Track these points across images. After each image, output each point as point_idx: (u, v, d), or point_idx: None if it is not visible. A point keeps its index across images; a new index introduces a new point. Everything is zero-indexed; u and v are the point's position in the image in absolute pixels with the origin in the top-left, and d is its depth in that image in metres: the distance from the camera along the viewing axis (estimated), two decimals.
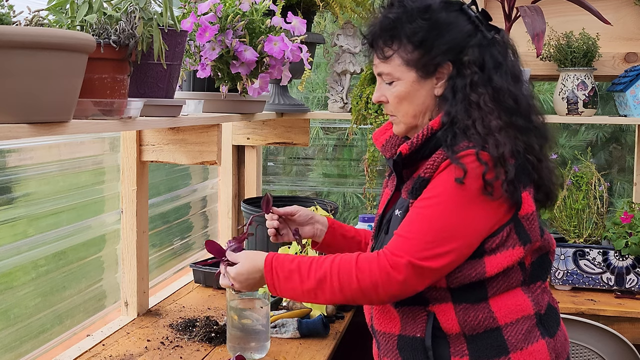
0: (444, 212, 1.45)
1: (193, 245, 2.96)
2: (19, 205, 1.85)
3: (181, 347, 1.98)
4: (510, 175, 1.44)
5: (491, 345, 1.49)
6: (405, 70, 1.54)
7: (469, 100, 1.50)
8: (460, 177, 1.43)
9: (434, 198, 1.46)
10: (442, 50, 1.52)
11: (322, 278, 1.48)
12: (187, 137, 2.11)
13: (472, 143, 1.45)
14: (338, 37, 2.82)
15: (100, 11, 1.45)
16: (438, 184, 1.47)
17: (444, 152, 1.48)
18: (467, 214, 1.45)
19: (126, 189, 2.21)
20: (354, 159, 3.89)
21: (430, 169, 1.49)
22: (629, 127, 3.54)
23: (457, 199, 1.45)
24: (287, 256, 1.55)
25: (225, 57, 1.98)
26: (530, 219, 1.52)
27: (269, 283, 1.53)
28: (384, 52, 1.55)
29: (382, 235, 1.63)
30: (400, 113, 1.57)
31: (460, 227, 1.45)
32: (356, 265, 1.46)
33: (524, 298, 1.53)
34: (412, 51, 1.52)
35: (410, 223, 1.47)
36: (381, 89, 1.59)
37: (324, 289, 1.48)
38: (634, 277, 2.51)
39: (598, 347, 2.16)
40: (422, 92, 1.55)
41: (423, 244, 1.44)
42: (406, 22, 1.52)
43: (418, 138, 1.52)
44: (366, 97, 2.62)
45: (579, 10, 2.58)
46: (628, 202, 2.67)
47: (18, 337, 1.83)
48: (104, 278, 2.24)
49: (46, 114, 1.18)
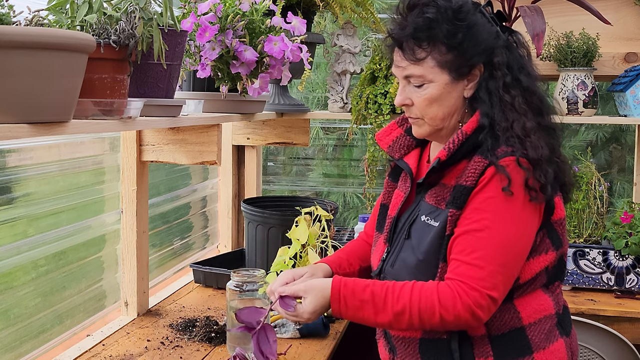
0: (504, 231, 1.43)
1: (193, 245, 2.96)
2: (19, 205, 1.85)
3: (181, 347, 1.98)
4: (550, 177, 1.44)
5: (515, 345, 1.50)
6: (438, 72, 1.50)
7: (504, 101, 1.49)
8: (506, 186, 1.42)
9: (490, 217, 1.43)
10: (477, 52, 1.50)
11: (401, 311, 1.43)
12: (187, 137, 2.11)
13: (511, 148, 1.44)
14: (338, 37, 2.82)
15: (100, 11, 1.45)
16: (489, 200, 1.44)
17: (482, 158, 1.46)
18: (522, 225, 1.45)
19: (126, 189, 2.21)
20: (354, 159, 3.89)
21: (472, 177, 1.46)
22: (629, 127, 3.54)
23: (512, 213, 1.43)
24: (357, 283, 1.48)
25: (225, 57, 1.98)
26: (562, 223, 1.54)
27: (334, 311, 1.47)
28: (416, 53, 1.50)
29: (402, 239, 1.59)
30: (428, 116, 1.54)
31: (520, 241, 1.45)
32: (439, 301, 1.42)
33: (545, 298, 1.54)
34: (445, 53, 1.49)
35: (477, 249, 1.43)
36: (406, 92, 1.54)
37: (401, 321, 1.44)
38: (634, 277, 2.51)
39: (598, 347, 2.16)
40: (453, 95, 1.52)
41: (497, 271, 1.42)
42: (443, 23, 1.48)
43: (454, 143, 1.49)
44: (366, 97, 2.62)
45: (579, 10, 2.58)
46: (628, 202, 2.67)
47: (18, 337, 1.83)
48: (104, 278, 2.24)
49: (46, 114, 1.18)
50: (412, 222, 1.57)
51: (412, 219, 1.58)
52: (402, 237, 1.59)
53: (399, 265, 1.58)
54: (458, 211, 1.47)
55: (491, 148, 1.46)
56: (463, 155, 1.50)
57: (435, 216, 1.52)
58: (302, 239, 2.22)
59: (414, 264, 1.53)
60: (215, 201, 3.17)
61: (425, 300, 1.43)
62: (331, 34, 2.88)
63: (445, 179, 1.54)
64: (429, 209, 1.54)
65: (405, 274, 1.54)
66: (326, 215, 2.30)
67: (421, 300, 1.43)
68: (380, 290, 1.45)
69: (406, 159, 1.67)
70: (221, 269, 2.56)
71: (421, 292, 1.44)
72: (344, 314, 1.47)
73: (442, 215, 1.50)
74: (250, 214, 2.62)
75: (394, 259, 1.60)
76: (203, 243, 3.07)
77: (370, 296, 1.45)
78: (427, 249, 1.51)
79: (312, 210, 2.28)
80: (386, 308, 1.44)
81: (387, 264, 1.61)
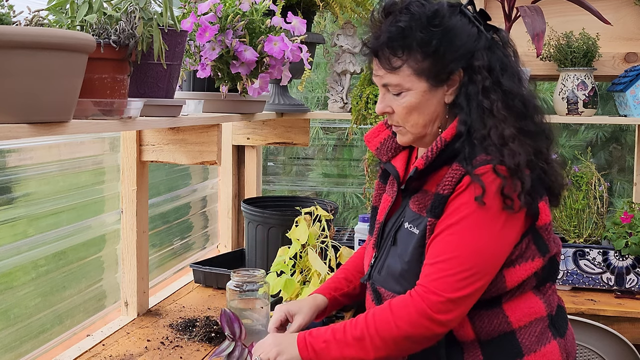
0: (473, 237, 1.40)
1: (193, 245, 2.96)
2: (19, 205, 1.85)
3: (181, 347, 1.98)
4: (527, 185, 1.40)
5: (506, 349, 1.48)
6: (415, 80, 1.47)
7: (482, 107, 1.45)
8: (479, 196, 1.39)
9: (460, 223, 1.40)
10: (455, 57, 1.45)
11: (361, 337, 1.41)
12: (187, 137, 2.11)
13: (490, 157, 1.41)
14: (338, 37, 2.82)
15: (100, 11, 1.45)
16: (462, 206, 1.41)
17: (460, 166, 1.43)
18: (495, 233, 1.41)
19: (126, 189, 2.21)
20: (354, 159, 3.89)
21: (449, 185, 1.43)
22: (629, 127, 3.54)
23: (484, 221, 1.40)
24: (319, 329, 1.48)
25: (225, 57, 1.98)
26: (548, 229, 1.50)
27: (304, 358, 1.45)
28: (391, 62, 1.47)
29: (388, 245, 1.58)
30: (409, 124, 1.51)
31: (490, 248, 1.41)
32: (392, 313, 1.40)
33: (536, 300, 1.52)
34: (422, 60, 1.45)
35: (443, 252, 1.41)
36: (386, 100, 1.52)
37: (366, 347, 1.41)
38: (634, 277, 2.51)
39: (598, 347, 2.16)
40: (432, 102, 1.48)
41: (457, 276, 1.39)
42: (416, 30, 1.44)
43: (432, 151, 1.46)
44: (366, 97, 2.62)
45: (579, 10, 2.58)
46: (628, 202, 2.67)
47: (18, 337, 1.83)
48: (104, 278, 2.24)
49: (46, 114, 1.18)
50: (398, 229, 1.56)
51: (398, 225, 1.56)
52: (389, 244, 1.58)
53: (385, 272, 1.56)
54: (436, 220, 1.44)
55: (468, 156, 1.42)
56: (444, 161, 1.47)
57: (418, 224, 1.50)
58: (302, 239, 2.22)
59: (398, 272, 1.52)
60: (215, 201, 3.17)
61: (379, 316, 1.41)
62: (331, 34, 2.88)
63: (427, 185, 1.51)
64: (412, 216, 1.52)
65: (392, 282, 1.53)
66: (326, 215, 2.30)
67: (375, 317, 1.41)
68: (340, 324, 1.45)
69: (394, 162, 1.64)
70: (221, 269, 2.56)
71: (375, 312, 1.43)
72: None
73: (423, 222, 1.48)
74: (250, 214, 2.62)
75: (381, 266, 1.58)
76: (203, 243, 3.08)
77: (332, 334, 1.44)
78: (410, 258, 1.49)
79: (312, 210, 2.28)
80: (347, 338, 1.42)
81: (374, 270, 1.60)
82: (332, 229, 2.32)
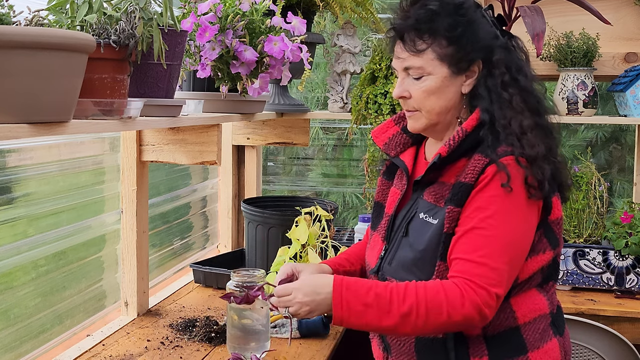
0: (507, 230, 1.43)
1: (193, 245, 2.96)
2: (19, 205, 1.85)
3: (181, 347, 1.98)
4: (547, 175, 1.46)
5: (510, 344, 1.50)
6: (438, 65, 1.51)
7: (502, 99, 1.51)
8: (505, 182, 1.43)
9: (494, 216, 1.43)
10: (476, 47, 1.52)
11: (407, 313, 1.40)
12: (187, 137, 2.11)
13: (510, 148, 1.46)
14: (338, 37, 2.82)
15: (100, 11, 1.45)
16: (492, 199, 1.44)
17: (483, 156, 1.46)
18: (524, 224, 1.47)
19: (126, 189, 2.21)
20: (353, 159, 3.89)
21: (471, 174, 1.46)
22: (629, 127, 3.54)
23: (515, 212, 1.44)
24: (359, 284, 1.44)
25: (225, 57, 1.98)
26: (559, 223, 1.55)
27: (336, 316, 1.42)
28: (416, 45, 1.51)
29: (399, 237, 1.59)
30: (425, 109, 1.54)
31: (522, 240, 1.46)
32: (447, 300, 1.40)
33: (540, 297, 1.55)
34: (446, 46, 1.50)
35: (482, 247, 1.42)
36: (404, 84, 1.55)
37: (408, 323, 1.40)
38: (634, 277, 2.51)
39: (598, 347, 2.16)
40: (451, 89, 1.53)
41: (498, 270, 1.42)
42: (444, 16, 1.50)
43: (454, 140, 1.50)
44: (366, 97, 2.62)
45: (579, 10, 2.58)
46: (628, 202, 2.67)
47: (18, 337, 1.83)
48: (104, 278, 2.24)
49: (46, 114, 1.18)
50: (410, 220, 1.58)
51: (410, 216, 1.58)
52: (400, 235, 1.59)
53: (396, 262, 1.58)
54: (457, 208, 1.47)
55: (491, 146, 1.47)
56: (462, 153, 1.51)
57: (434, 214, 1.52)
58: (302, 239, 2.22)
59: (410, 261, 1.53)
60: (215, 201, 3.17)
61: (432, 299, 1.40)
62: (331, 34, 2.88)
63: (444, 177, 1.54)
64: (428, 206, 1.54)
65: (402, 272, 1.54)
66: (326, 215, 2.30)
67: (428, 299, 1.40)
68: (385, 291, 1.42)
69: (402, 157, 1.67)
70: (221, 269, 2.56)
71: (427, 292, 1.41)
72: (347, 321, 1.42)
73: (440, 212, 1.50)
74: (250, 214, 2.62)
75: (392, 257, 1.60)
76: (203, 243, 3.08)
77: (375, 299, 1.41)
78: (424, 247, 1.51)
79: (312, 210, 2.28)
80: (391, 310, 1.40)
81: (385, 262, 1.61)
82: (332, 229, 2.32)
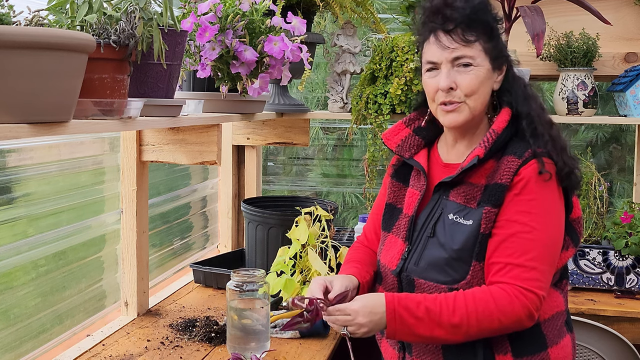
0: (550, 231, 1.50)
1: (193, 245, 2.96)
2: (19, 205, 1.85)
3: (181, 347, 1.98)
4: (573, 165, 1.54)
5: (532, 340, 1.54)
6: (484, 57, 1.56)
7: (527, 94, 1.60)
8: (547, 178, 1.50)
9: (537, 218, 1.49)
10: (504, 48, 1.61)
11: (458, 324, 1.45)
12: (187, 137, 2.11)
13: (540, 149, 1.53)
14: (338, 37, 2.82)
15: (100, 11, 1.45)
16: (532, 202, 1.50)
17: (515, 157, 1.52)
18: (561, 224, 1.54)
19: (126, 189, 2.21)
20: (353, 159, 3.89)
21: (507, 175, 1.51)
22: (629, 127, 3.54)
23: (554, 213, 1.52)
24: (409, 299, 1.48)
25: (225, 57, 1.98)
26: (579, 222, 1.61)
27: (389, 331, 1.47)
28: (467, 35, 1.54)
29: (425, 237, 1.61)
30: (471, 99, 1.56)
31: (557, 240, 1.54)
32: (497, 307, 1.45)
33: (557, 295, 1.60)
34: (488, 41, 1.56)
35: (527, 251, 1.48)
36: (451, 75, 1.55)
37: (459, 333, 1.46)
38: (634, 277, 2.51)
39: (598, 347, 2.16)
40: (489, 83, 1.58)
41: (547, 271, 1.49)
42: (490, 13, 1.57)
43: (488, 141, 1.55)
44: (366, 97, 2.62)
45: (579, 10, 2.58)
46: (628, 202, 2.67)
47: (18, 337, 1.83)
48: (104, 278, 2.24)
49: (46, 114, 1.18)
50: (437, 220, 1.59)
51: (436, 217, 1.60)
52: (426, 235, 1.61)
53: (424, 263, 1.58)
54: (494, 209, 1.51)
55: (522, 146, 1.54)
56: (491, 155, 1.55)
57: (465, 214, 1.55)
58: (302, 239, 2.22)
59: (443, 262, 1.55)
60: (215, 201, 3.17)
61: (482, 308, 1.45)
62: (331, 34, 2.88)
63: (473, 179, 1.57)
64: (457, 207, 1.57)
65: (433, 272, 1.56)
66: (326, 215, 2.30)
67: (478, 309, 1.45)
68: (435, 303, 1.46)
69: (416, 158, 1.69)
70: (221, 269, 2.56)
71: (476, 301, 1.46)
72: (400, 334, 1.47)
73: (474, 213, 1.53)
74: (250, 214, 2.62)
75: (418, 257, 1.60)
76: (203, 243, 3.08)
77: (425, 312, 1.45)
78: (460, 247, 1.53)
79: (312, 210, 2.28)
80: (442, 321, 1.45)
81: (409, 262, 1.62)
82: (332, 229, 2.32)
